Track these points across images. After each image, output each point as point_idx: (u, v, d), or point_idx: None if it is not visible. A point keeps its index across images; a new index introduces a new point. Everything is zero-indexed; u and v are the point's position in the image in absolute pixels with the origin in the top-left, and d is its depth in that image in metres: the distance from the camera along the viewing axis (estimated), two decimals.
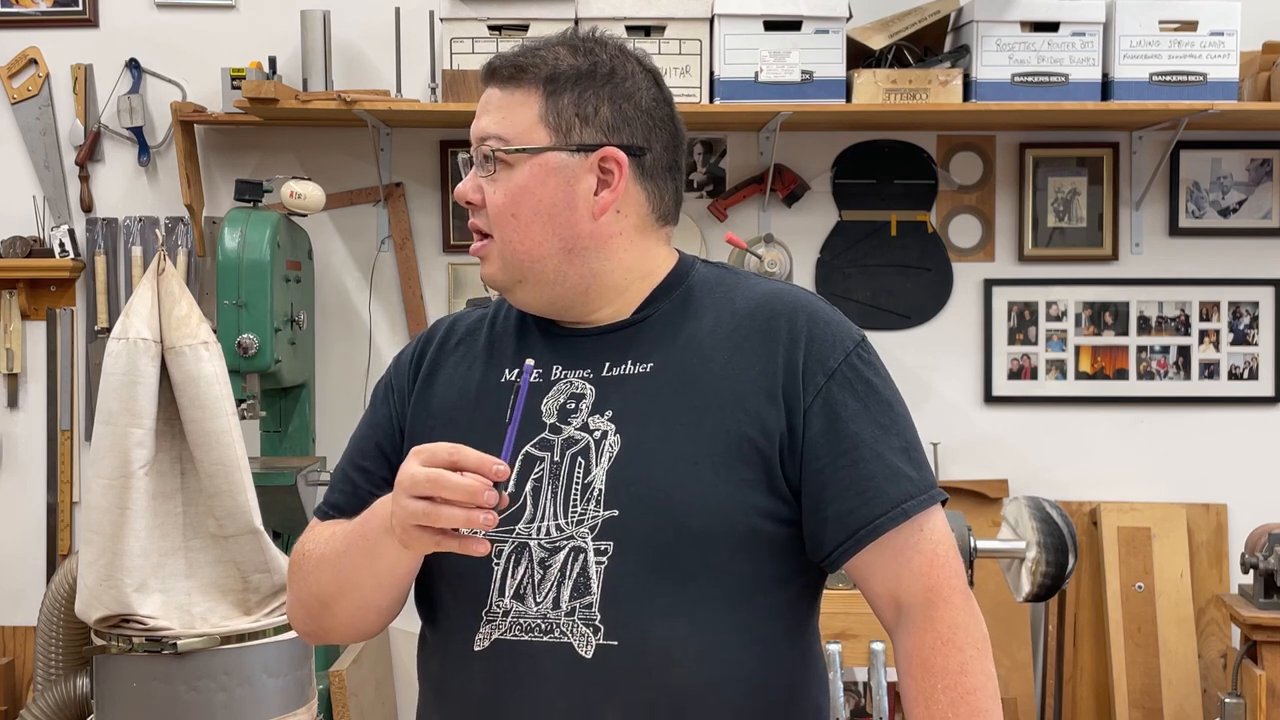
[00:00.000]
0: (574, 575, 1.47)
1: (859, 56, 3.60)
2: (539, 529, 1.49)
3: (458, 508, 1.35)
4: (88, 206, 3.82)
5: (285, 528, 3.42)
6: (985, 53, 3.53)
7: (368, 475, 1.64)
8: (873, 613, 1.56)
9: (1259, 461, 3.88)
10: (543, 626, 1.47)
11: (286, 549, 3.25)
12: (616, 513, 1.47)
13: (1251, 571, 3.29)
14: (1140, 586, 3.76)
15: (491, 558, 1.49)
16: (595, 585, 1.46)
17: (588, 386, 1.54)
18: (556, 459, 1.51)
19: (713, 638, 1.48)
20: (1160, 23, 3.54)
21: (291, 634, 2.79)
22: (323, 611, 1.59)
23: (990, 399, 3.89)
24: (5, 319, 3.84)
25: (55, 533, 3.84)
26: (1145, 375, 3.90)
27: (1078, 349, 3.90)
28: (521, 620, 1.48)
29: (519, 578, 1.49)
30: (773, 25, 3.52)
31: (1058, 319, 3.89)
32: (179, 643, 2.67)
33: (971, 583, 2.46)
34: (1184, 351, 3.90)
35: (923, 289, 3.88)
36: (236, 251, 3.36)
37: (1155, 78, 3.54)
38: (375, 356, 3.86)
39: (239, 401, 3.17)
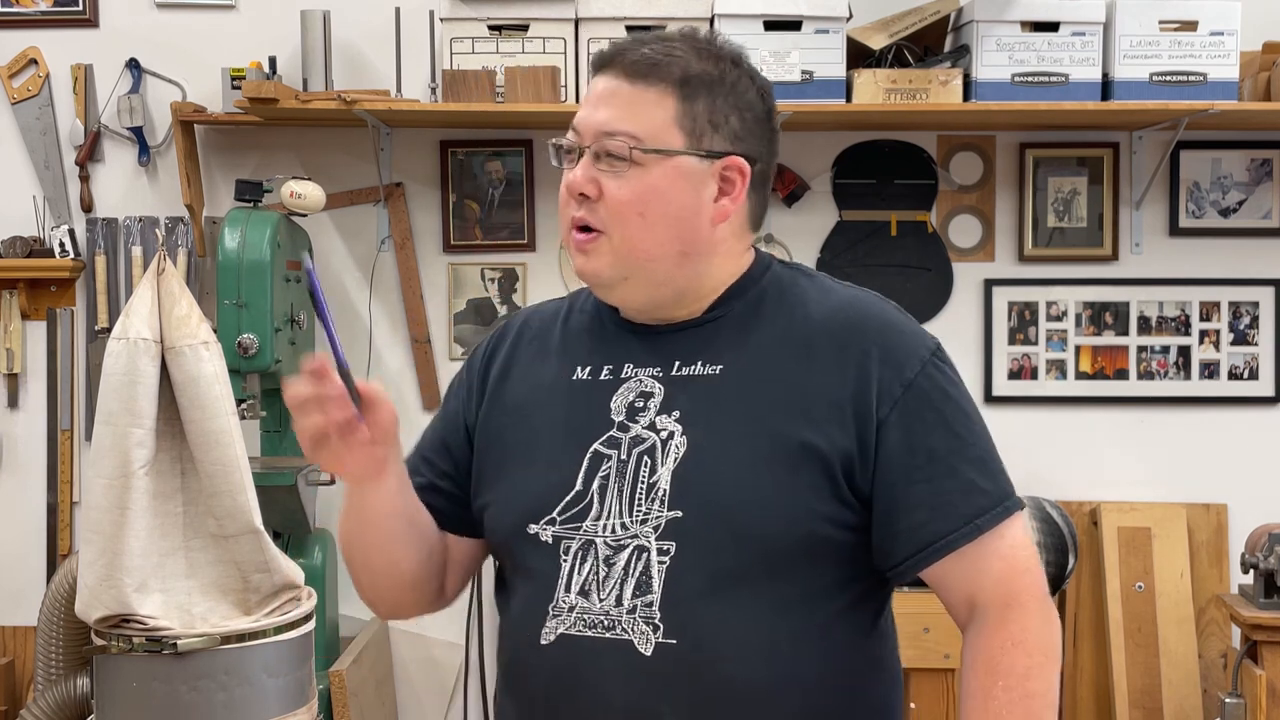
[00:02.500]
0: (636, 574, 1.49)
1: (859, 56, 3.60)
2: (605, 527, 1.52)
3: (308, 415, 1.45)
4: (88, 206, 3.82)
5: (285, 528, 3.42)
6: (985, 53, 3.53)
7: (431, 466, 1.69)
8: (946, 612, 1.57)
9: (1259, 461, 3.88)
10: (605, 623, 1.49)
11: (287, 549, 3.25)
12: (680, 514, 1.49)
13: (1251, 571, 3.29)
14: (1140, 586, 3.76)
15: (560, 553, 1.53)
16: (657, 584, 1.48)
17: (656, 385, 1.56)
18: (624, 457, 1.53)
19: (771, 640, 1.49)
20: (1160, 23, 3.54)
21: (292, 634, 2.79)
22: (352, 574, 1.66)
23: (990, 399, 3.89)
24: (5, 319, 3.84)
25: (55, 533, 3.84)
26: (1145, 375, 3.90)
27: (1078, 349, 3.90)
28: (586, 616, 1.50)
29: (585, 574, 1.51)
30: (773, 25, 3.52)
31: (1058, 319, 3.89)
32: (179, 643, 2.67)
33: None
34: (1184, 351, 3.89)
35: (923, 289, 3.88)
36: (236, 251, 3.36)
37: (1155, 78, 3.54)
38: (375, 356, 3.86)
39: (239, 401, 3.16)
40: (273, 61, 3.63)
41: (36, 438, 3.86)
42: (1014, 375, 3.89)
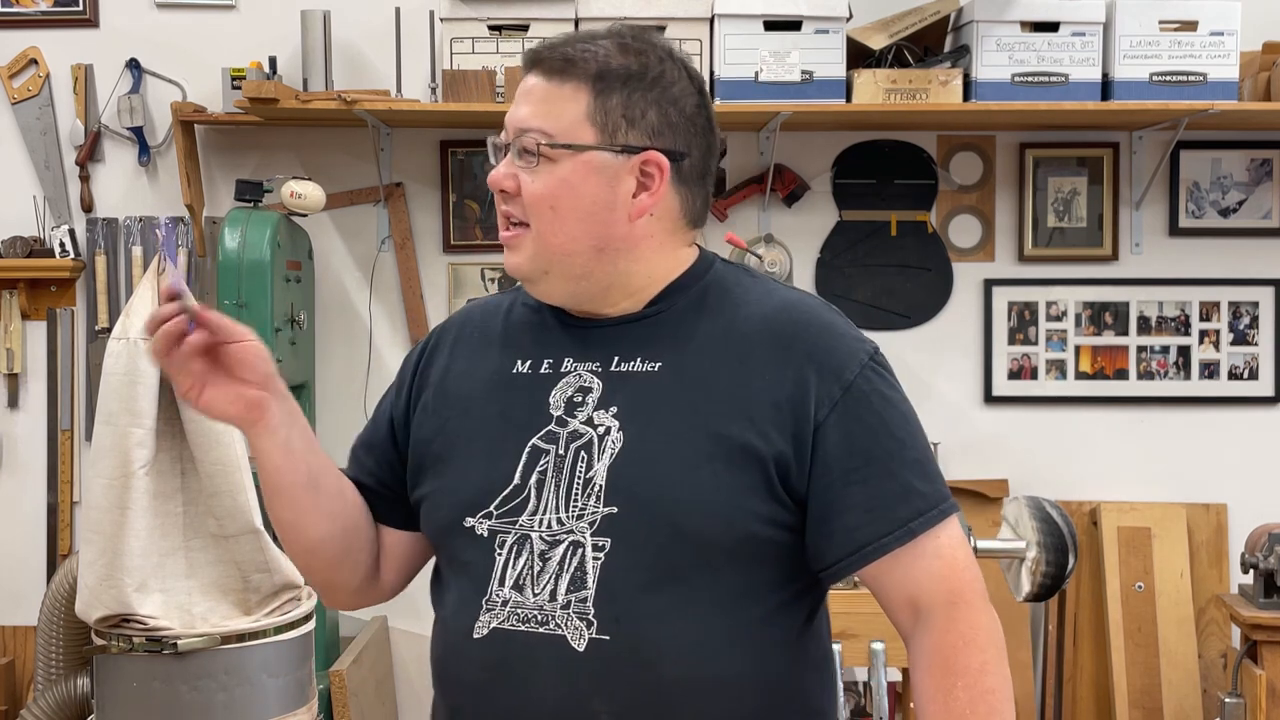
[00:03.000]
0: (571, 569, 1.48)
1: (859, 56, 3.60)
2: (541, 521, 1.51)
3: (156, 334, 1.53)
4: (88, 206, 3.82)
5: None
6: (985, 53, 3.53)
7: (359, 464, 1.72)
8: (884, 614, 1.56)
9: (1259, 461, 3.88)
10: (539, 617, 1.49)
11: None
12: (615, 510, 1.48)
13: (1251, 571, 3.29)
14: (1140, 586, 3.76)
15: (495, 547, 1.52)
16: (591, 580, 1.48)
17: (595, 380, 1.55)
18: (561, 452, 1.53)
19: (704, 637, 1.48)
20: (1160, 23, 3.54)
21: (292, 634, 2.79)
22: (283, 547, 1.70)
23: (990, 399, 3.89)
24: (5, 319, 3.84)
25: (55, 533, 3.84)
26: (1145, 375, 3.90)
27: (1078, 349, 3.90)
28: (519, 610, 1.50)
29: (519, 568, 1.51)
30: (773, 25, 3.52)
31: (1058, 319, 3.89)
32: (179, 643, 2.67)
33: None
34: (1184, 351, 3.90)
35: (923, 289, 3.88)
36: (237, 251, 3.36)
37: (1155, 78, 3.54)
38: (375, 356, 3.86)
39: None
40: (273, 61, 3.63)
41: (36, 438, 3.86)
42: (1014, 375, 3.89)
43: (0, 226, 3.81)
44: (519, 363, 1.60)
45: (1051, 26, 3.54)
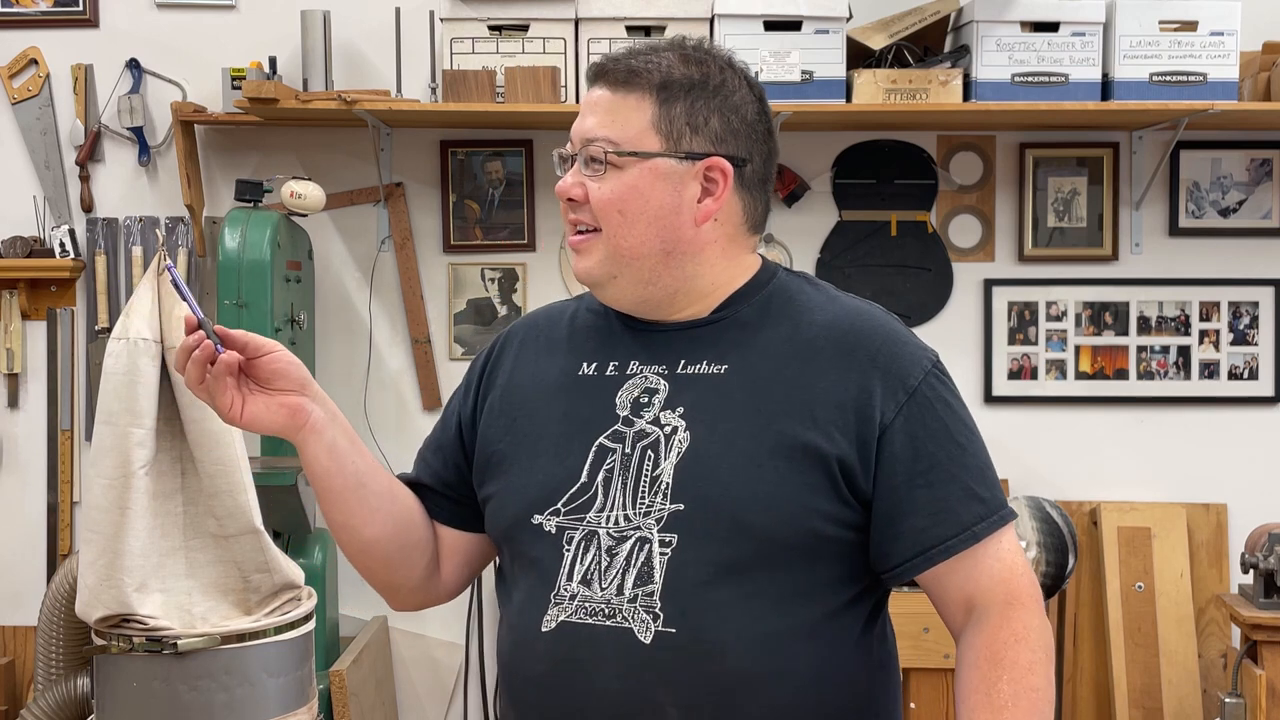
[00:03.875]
0: (638, 564, 1.52)
1: (859, 56, 3.60)
2: (608, 518, 1.55)
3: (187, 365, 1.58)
4: (88, 206, 3.82)
5: (286, 528, 3.42)
6: (985, 53, 3.53)
7: (424, 465, 1.77)
8: (939, 616, 1.59)
9: (1259, 461, 3.88)
10: (606, 611, 1.52)
11: (287, 549, 3.25)
12: (682, 507, 1.52)
13: (1251, 571, 3.29)
14: (1140, 586, 3.76)
15: (563, 543, 1.56)
16: (658, 575, 1.51)
17: (661, 382, 1.59)
18: (628, 451, 1.57)
19: (768, 632, 1.51)
20: (1160, 23, 3.54)
21: (292, 634, 2.79)
22: (340, 549, 1.73)
23: (990, 399, 3.89)
24: (5, 319, 3.84)
25: (55, 533, 3.84)
26: (1145, 375, 3.90)
27: (1078, 349, 3.90)
28: (587, 604, 1.53)
29: (587, 564, 1.55)
30: (773, 25, 3.52)
31: (1058, 319, 3.89)
32: (179, 643, 2.67)
33: None
34: (1184, 351, 3.90)
35: (923, 289, 3.88)
36: (237, 251, 3.36)
37: (1155, 78, 3.54)
38: (375, 356, 3.86)
39: None
40: (273, 61, 3.63)
41: (36, 438, 3.86)
42: (1014, 375, 3.89)
43: (0, 226, 3.81)
44: (584, 365, 1.65)
45: (1051, 26, 3.54)
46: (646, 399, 1.59)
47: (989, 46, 3.53)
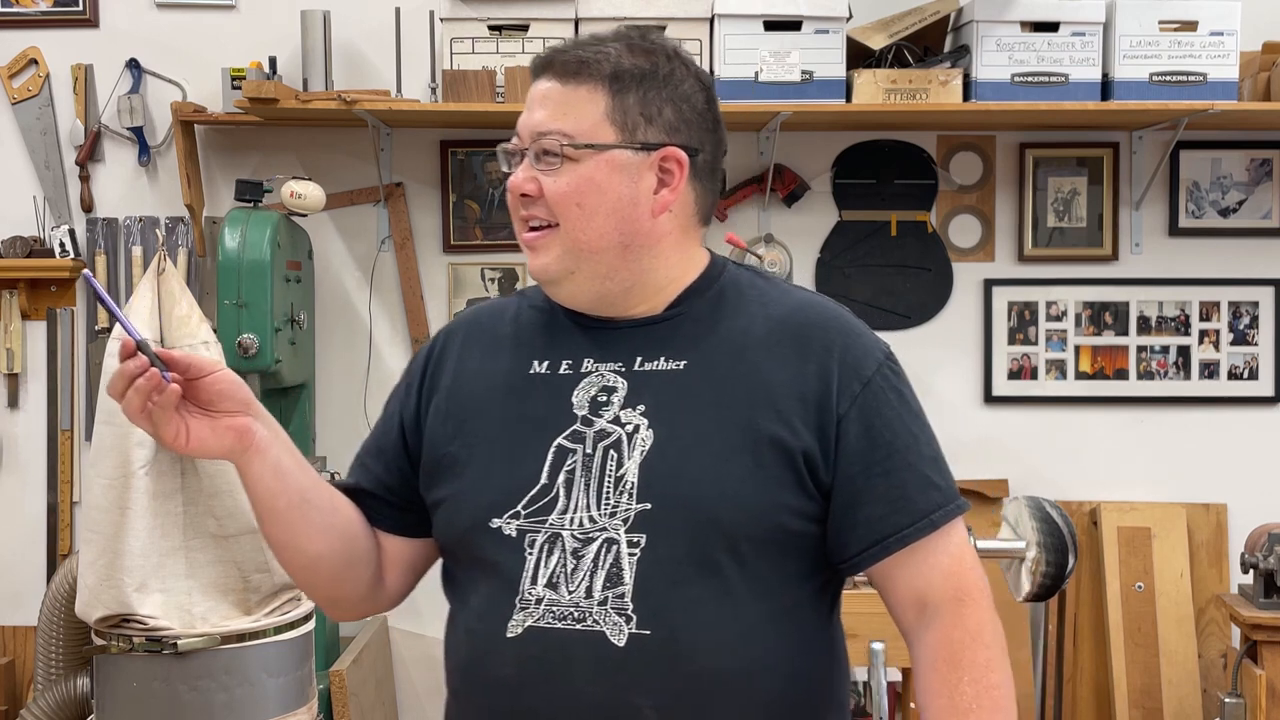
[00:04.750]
0: (607, 566, 1.50)
1: (859, 56, 3.60)
2: (572, 520, 1.52)
3: (120, 392, 1.48)
4: (88, 206, 3.82)
5: None
6: (985, 53, 3.53)
7: (365, 471, 1.71)
8: (888, 614, 1.58)
9: (1259, 461, 3.88)
10: (575, 615, 1.50)
11: None
12: (649, 506, 1.51)
13: (1251, 571, 3.29)
14: (1140, 586, 3.76)
15: (525, 546, 1.53)
16: (628, 576, 1.49)
17: (619, 380, 1.57)
18: (589, 451, 1.54)
19: (740, 629, 1.51)
20: (1160, 23, 3.54)
21: (292, 634, 2.79)
22: (292, 574, 1.67)
23: (990, 399, 3.89)
24: (5, 319, 3.84)
25: (55, 533, 3.84)
26: (1145, 375, 3.90)
27: (1078, 349, 3.90)
28: (555, 608, 1.51)
29: (552, 567, 1.52)
30: (773, 25, 3.52)
31: (1058, 319, 3.89)
32: (179, 643, 2.67)
33: None
34: (1184, 351, 3.90)
35: (923, 289, 3.88)
36: (236, 251, 3.36)
37: (1155, 78, 3.54)
38: (375, 356, 3.86)
39: None
40: (273, 61, 3.63)
41: (36, 438, 3.86)
42: (1014, 375, 3.89)
43: (0, 226, 3.81)
44: (535, 363, 1.61)
45: (1051, 26, 3.54)
46: (605, 397, 1.56)
47: (989, 46, 3.53)
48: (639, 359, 1.57)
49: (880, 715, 3.09)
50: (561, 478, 1.54)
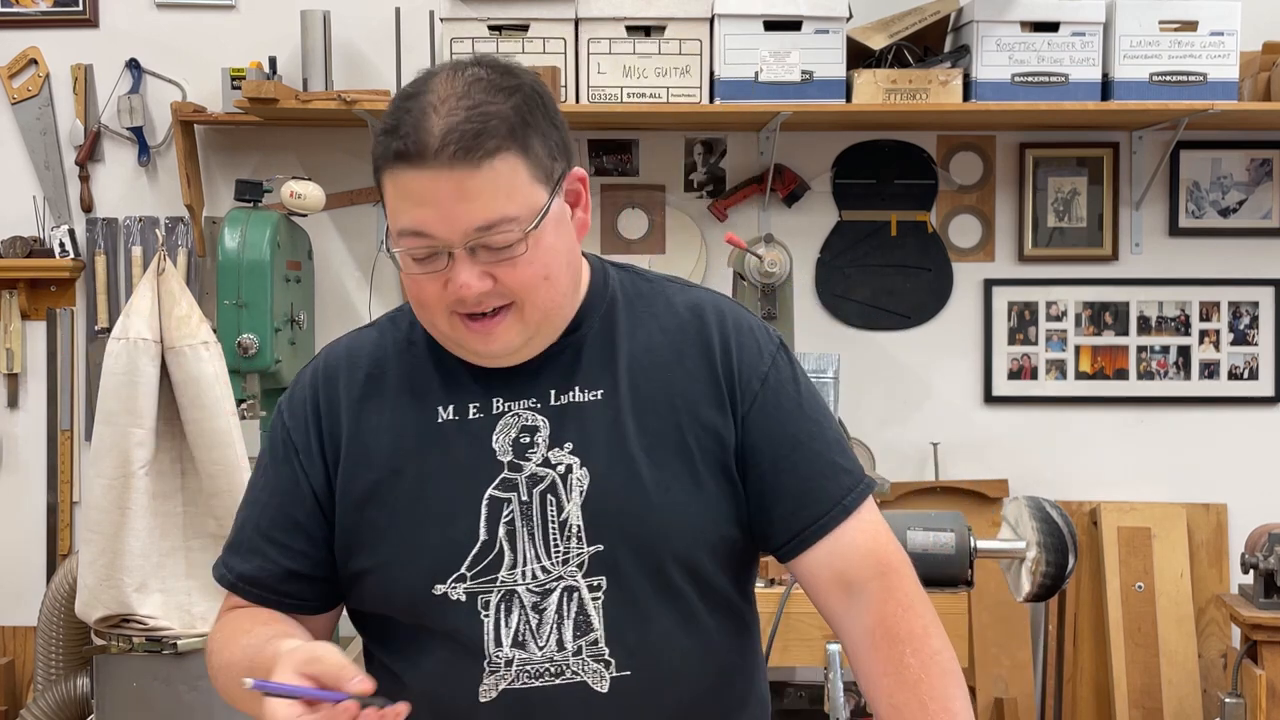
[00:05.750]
0: (573, 614, 1.46)
1: (859, 56, 3.60)
2: (524, 573, 1.47)
3: None
4: (88, 206, 3.82)
5: None
6: (985, 53, 3.53)
7: (283, 550, 1.55)
8: (813, 602, 1.56)
9: (1259, 461, 3.88)
10: (552, 670, 1.46)
11: None
12: (601, 547, 1.47)
13: (1251, 571, 3.29)
14: (1140, 586, 3.76)
15: (478, 609, 1.46)
16: (597, 621, 1.46)
17: (538, 418, 1.50)
18: (525, 499, 1.48)
19: (707, 643, 1.51)
20: (1160, 23, 3.54)
21: None
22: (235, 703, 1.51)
23: (990, 399, 3.89)
24: (5, 319, 3.83)
25: (55, 533, 3.84)
26: (1145, 375, 3.90)
27: (1078, 349, 3.90)
28: (528, 666, 1.46)
29: (514, 625, 1.46)
30: (773, 25, 3.52)
31: (1058, 319, 3.89)
32: (179, 643, 2.67)
33: (971, 583, 2.47)
34: (1184, 351, 3.89)
35: (923, 289, 3.88)
36: (236, 251, 3.36)
37: (1155, 78, 3.54)
38: None
39: (239, 401, 3.17)
40: (273, 61, 3.63)
41: (36, 438, 3.86)
42: (1014, 375, 3.89)
43: (0, 226, 3.81)
44: (440, 410, 1.50)
45: (1051, 26, 3.54)
46: (528, 438, 1.48)
47: (989, 46, 3.53)
48: (553, 392, 1.50)
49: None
50: (502, 530, 1.46)
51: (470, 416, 1.50)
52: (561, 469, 1.48)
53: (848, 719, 3.31)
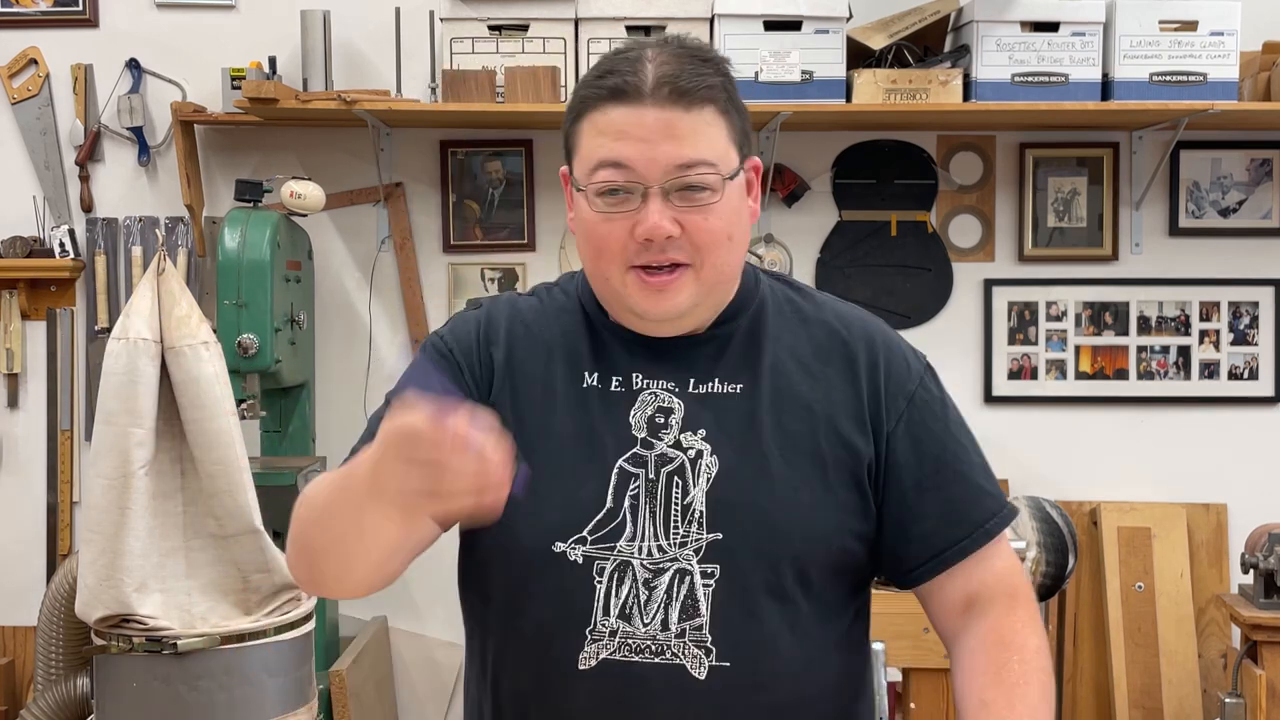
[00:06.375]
0: (681, 597, 1.47)
1: (859, 56, 3.60)
2: (640, 548, 1.48)
3: (467, 483, 1.22)
4: (88, 206, 3.82)
5: (285, 528, 3.41)
6: (985, 53, 3.53)
7: None
8: (930, 620, 1.58)
9: (1259, 461, 3.88)
10: (653, 648, 1.47)
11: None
12: (720, 536, 1.48)
13: (1251, 571, 3.29)
14: (1140, 586, 3.76)
15: (593, 574, 1.47)
16: (704, 607, 1.47)
17: (675, 401, 1.52)
18: (652, 476, 1.50)
19: (812, 654, 1.51)
20: (1160, 23, 3.54)
21: (292, 634, 2.79)
22: (314, 563, 1.49)
23: (990, 399, 3.89)
24: (5, 319, 3.84)
25: (55, 533, 3.84)
26: (1145, 375, 3.90)
27: (1078, 349, 3.90)
28: (630, 640, 1.47)
29: (624, 597, 1.47)
30: (773, 25, 3.52)
31: (1058, 319, 3.89)
32: (179, 643, 2.67)
33: None
34: (1184, 351, 3.90)
35: (923, 289, 3.88)
36: (236, 251, 3.36)
37: (1155, 78, 3.54)
38: (375, 356, 3.86)
39: (239, 401, 3.17)
40: (273, 61, 3.63)
41: (36, 438, 3.86)
42: (1014, 375, 3.89)
43: (0, 226, 3.81)
44: (586, 375, 1.53)
45: (1051, 26, 3.54)
46: (662, 419, 1.51)
47: (989, 46, 3.53)
48: (692, 380, 1.53)
49: (880, 715, 3.09)
50: (627, 502, 1.48)
51: (612, 388, 1.52)
52: (692, 453, 1.50)
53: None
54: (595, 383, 1.53)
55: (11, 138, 3.83)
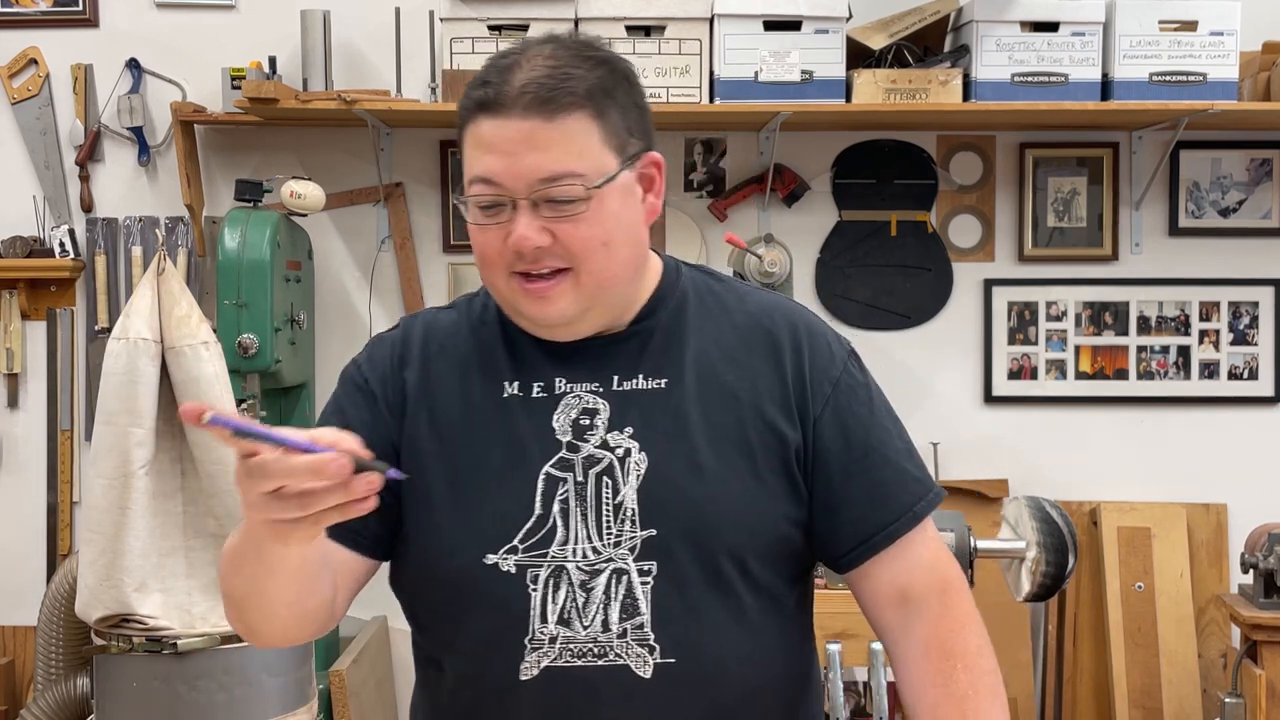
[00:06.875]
0: (620, 596, 1.46)
1: (859, 56, 3.60)
2: (574, 551, 1.47)
3: (326, 493, 1.21)
4: (88, 206, 3.82)
5: None
6: (985, 53, 3.53)
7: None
8: (864, 612, 1.58)
9: (1259, 461, 3.88)
10: (595, 650, 1.46)
11: None
12: (654, 532, 1.47)
13: (1251, 571, 3.29)
14: (1140, 586, 3.76)
15: (527, 582, 1.46)
16: (644, 605, 1.46)
17: (599, 401, 1.51)
18: (580, 479, 1.49)
19: (756, 644, 1.50)
20: (1160, 23, 3.54)
21: None
22: (241, 613, 1.48)
23: (990, 399, 3.89)
24: (5, 319, 3.84)
25: (55, 533, 3.84)
26: (1145, 375, 3.90)
27: (1078, 349, 3.90)
28: (572, 645, 1.46)
29: (561, 602, 1.46)
30: (773, 25, 3.52)
31: (1058, 319, 3.89)
32: (179, 643, 2.67)
33: (972, 582, 2.47)
34: (1184, 351, 3.90)
35: (923, 289, 3.88)
36: (236, 251, 3.36)
37: (1155, 78, 3.54)
38: None
39: (239, 401, 3.17)
40: (273, 61, 3.63)
41: (36, 438, 3.86)
42: (1014, 375, 3.89)
43: (0, 226, 3.81)
44: (507, 385, 1.52)
45: (1051, 26, 3.54)
46: (587, 420, 1.49)
47: (989, 46, 3.53)
48: (615, 378, 1.51)
49: (880, 715, 3.09)
50: (556, 507, 1.47)
51: (534, 395, 1.51)
52: (620, 452, 1.49)
53: (847, 719, 3.32)
54: (516, 391, 1.52)
55: (11, 138, 3.83)
